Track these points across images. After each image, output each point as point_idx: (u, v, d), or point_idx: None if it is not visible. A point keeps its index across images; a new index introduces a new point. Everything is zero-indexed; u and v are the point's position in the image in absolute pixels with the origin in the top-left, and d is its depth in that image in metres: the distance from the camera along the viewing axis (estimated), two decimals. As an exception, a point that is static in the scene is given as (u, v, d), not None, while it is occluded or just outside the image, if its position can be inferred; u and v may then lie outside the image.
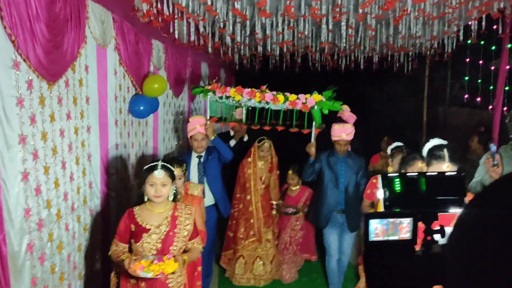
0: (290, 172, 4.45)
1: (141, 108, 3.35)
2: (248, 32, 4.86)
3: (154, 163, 2.49)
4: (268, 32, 5.00)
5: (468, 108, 6.80)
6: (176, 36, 4.08)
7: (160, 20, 3.55)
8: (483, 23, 4.35)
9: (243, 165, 4.32)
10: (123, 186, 3.48)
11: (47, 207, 2.36)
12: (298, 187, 4.49)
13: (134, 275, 2.27)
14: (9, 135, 2.03)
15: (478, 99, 5.70)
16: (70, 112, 2.57)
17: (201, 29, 4.67)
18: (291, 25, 4.45)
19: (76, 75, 2.63)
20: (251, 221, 4.23)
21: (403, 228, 1.09)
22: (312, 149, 3.80)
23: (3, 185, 1.99)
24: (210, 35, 4.95)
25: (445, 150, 2.28)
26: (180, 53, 4.80)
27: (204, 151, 3.83)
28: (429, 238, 1.11)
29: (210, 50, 5.12)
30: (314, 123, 3.72)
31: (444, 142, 2.41)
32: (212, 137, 3.75)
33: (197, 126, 3.71)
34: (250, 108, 3.89)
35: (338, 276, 4.15)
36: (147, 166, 2.51)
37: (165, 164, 2.50)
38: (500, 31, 4.60)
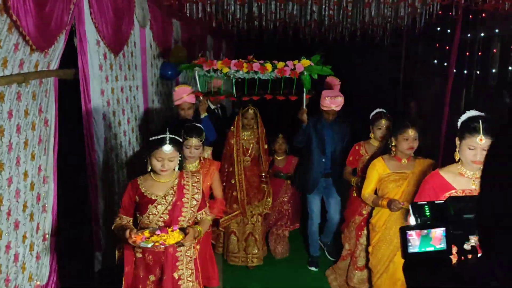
0: (280, 136, 4.32)
1: (169, 72, 4.43)
2: (246, 11, 5.86)
3: (162, 136, 2.31)
4: (263, 11, 6.01)
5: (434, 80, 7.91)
6: (188, 14, 5.08)
7: (177, 3, 4.56)
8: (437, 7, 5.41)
9: (228, 136, 4.01)
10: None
11: (114, 139, 3.49)
12: (284, 156, 4.38)
13: (135, 246, 2.22)
14: (96, 89, 3.13)
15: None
16: (126, 75, 3.68)
17: (208, 9, 5.66)
18: (282, 7, 5.47)
19: (129, 49, 3.72)
20: (233, 193, 3.96)
21: (437, 239, 1.16)
22: (304, 116, 3.83)
23: (94, 121, 3.10)
24: (214, 13, 5.93)
25: (480, 121, 2.10)
26: (191, 28, 5.82)
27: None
28: (462, 258, 1.16)
29: (214, 25, 6.12)
30: (304, 89, 3.69)
31: (480, 114, 2.20)
32: (203, 115, 3.73)
33: (183, 96, 3.66)
34: (240, 80, 3.73)
35: (326, 242, 4.32)
36: (154, 138, 2.33)
37: (173, 136, 2.34)
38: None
